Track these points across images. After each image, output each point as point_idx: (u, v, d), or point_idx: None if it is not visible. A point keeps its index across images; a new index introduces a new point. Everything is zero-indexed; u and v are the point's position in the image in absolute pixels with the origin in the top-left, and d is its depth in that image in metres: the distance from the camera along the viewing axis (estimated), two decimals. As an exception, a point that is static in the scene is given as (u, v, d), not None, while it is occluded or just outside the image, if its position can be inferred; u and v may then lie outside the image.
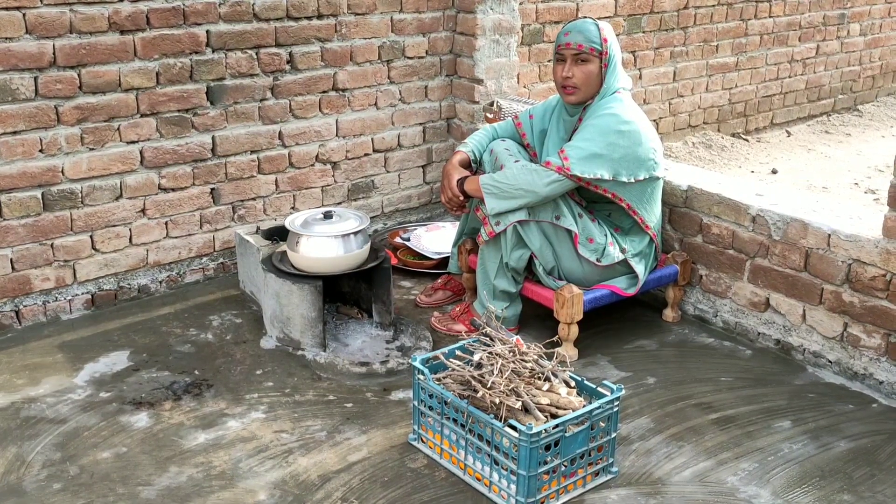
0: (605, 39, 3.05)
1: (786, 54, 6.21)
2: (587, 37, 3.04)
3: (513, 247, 3.08)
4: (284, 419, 2.78)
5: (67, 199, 3.32)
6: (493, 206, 3.02)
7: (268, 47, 3.64)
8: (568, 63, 3.06)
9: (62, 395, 2.90)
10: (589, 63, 3.04)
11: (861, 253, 2.92)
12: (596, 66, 3.05)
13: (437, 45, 4.16)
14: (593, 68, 3.05)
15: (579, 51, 3.03)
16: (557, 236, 3.07)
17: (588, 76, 3.05)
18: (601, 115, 3.03)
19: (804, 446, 2.67)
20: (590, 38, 3.04)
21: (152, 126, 3.44)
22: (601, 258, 3.09)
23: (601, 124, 3.01)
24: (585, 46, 3.03)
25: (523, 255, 3.09)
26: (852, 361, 3.02)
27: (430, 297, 3.56)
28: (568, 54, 3.06)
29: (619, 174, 3.01)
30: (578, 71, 3.05)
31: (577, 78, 3.05)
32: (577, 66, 3.05)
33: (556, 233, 3.07)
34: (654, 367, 3.12)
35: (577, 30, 3.06)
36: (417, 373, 2.57)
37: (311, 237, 3.12)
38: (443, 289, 3.58)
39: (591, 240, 3.08)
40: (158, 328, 3.34)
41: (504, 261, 3.11)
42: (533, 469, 2.29)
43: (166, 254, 3.62)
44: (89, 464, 2.54)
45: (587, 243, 3.08)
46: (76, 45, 3.20)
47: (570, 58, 3.06)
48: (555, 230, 3.06)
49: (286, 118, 3.77)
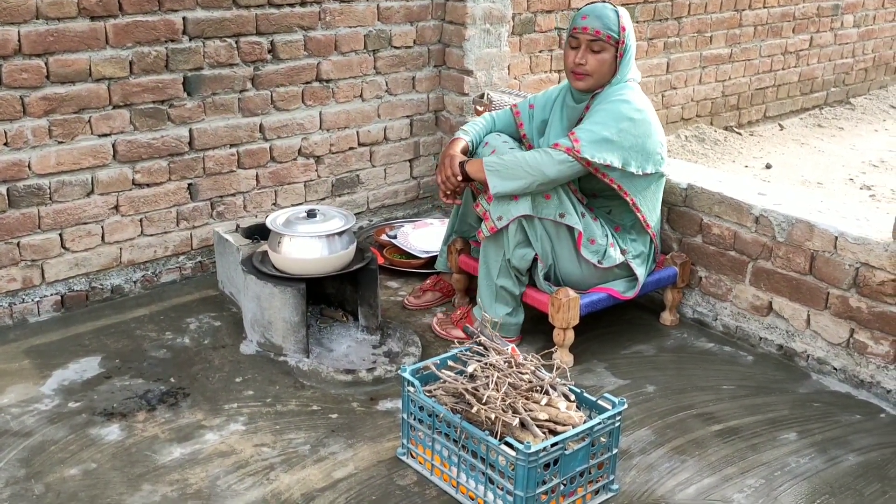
0: (623, 28, 2.90)
1: (779, 46, 6.09)
2: (605, 23, 2.88)
3: (516, 244, 2.92)
4: (265, 431, 2.63)
5: (35, 196, 3.15)
6: (496, 185, 2.84)
7: (248, 35, 3.47)
8: (582, 49, 2.90)
9: (28, 405, 2.73)
10: (604, 51, 2.89)
11: (870, 256, 2.80)
12: (611, 55, 2.90)
13: (425, 35, 4.00)
14: (608, 56, 2.90)
15: (596, 37, 2.87)
16: (559, 236, 2.93)
17: (601, 64, 2.90)
18: (613, 101, 2.88)
19: (811, 460, 2.55)
20: (608, 25, 2.88)
21: (125, 118, 3.26)
22: (602, 260, 2.96)
23: (614, 109, 2.86)
24: (603, 33, 2.87)
25: (527, 254, 2.94)
26: (859, 369, 2.90)
27: (419, 298, 3.42)
28: (583, 39, 2.89)
29: (629, 164, 2.87)
30: (592, 58, 2.89)
31: (590, 65, 2.90)
32: (591, 53, 2.89)
33: (558, 232, 2.92)
34: (652, 375, 2.99)
35: (596, 14, 2.89)
36: (407, 384, 2.42)
37: (293, 237, 2.96)
38: (432, 290, 3.43)
39: (593, 241, 2.94)
40: (132, 332, 3.17)
41: (507, 257, 2.95)
42: (531, 490, 2.16)
43: (141, 252, 3.45)
44: (56, 482, 2.38)
45: (589, 244, 2.94)
46: (43, 32, 3.02)
47: (584, 43, 2.89)
48: (556, 229, 2.92)
49: (267, 110, 3.60)
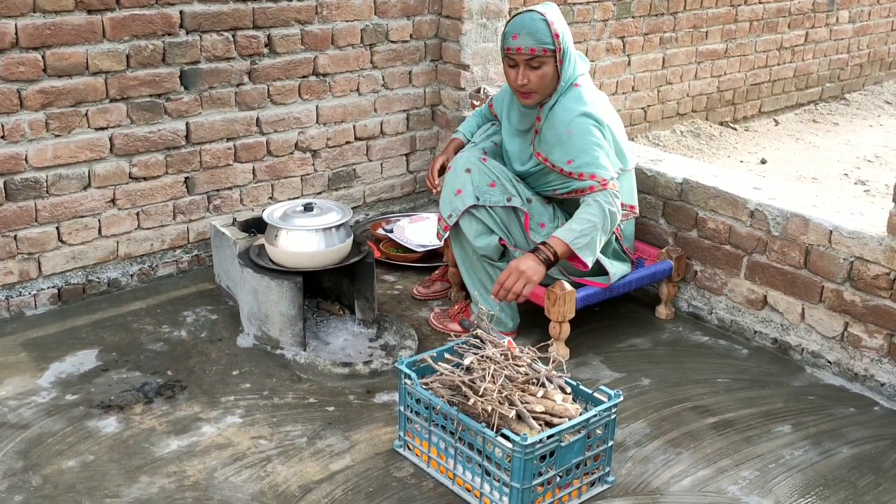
0: (556, 35, 2.77)
1: (775, 41, 6.10)
2: (538, 38, 2.75)
3: (476, 234, 2.93)
4: (262, 424, 2.63)
5: (32, 189, 3.14)
6: (588, 257, 2.80)
7: (245, 29, 3.47)
8: (521, 69, 2.79)
9: (25, 397, 2.73)
10: (544, 65, 2.78)
11: (864, 250, 2.81)
12: (551, 67, 2.80)
13: (421, 29, 4.00)
14: (549, 69, 2.79)
15: (531, 55, 2.77)
16: (511, 221, 2.94)
17: (544, 78, 2.81)
18: (574, 121, 2.81)
19: (805, 453, 2.56)
20: (541, 40, 2.75)
21: (122, 112, 3.26)
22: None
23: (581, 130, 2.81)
24: (538, 50, 2.76)
25: (491, 240, 2.94)
26: (853, 362, 2.92)
27: (428, 288, 3.43)
28: (520, 60, 2.79)
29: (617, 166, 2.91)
30: (533, 75, 2.79)
31: (533, 83, 2.81)
32: (531, 70, 2.79)
33: (510, 217, 2.93)
34: (648, 368, 3.00)
35: (526, 31, 2.76)
36: (404, 377, 2.43)
37: (290, 231, 2.96)
38: (441, 280, 3.45)
39: (543, 224, 2.93)
40: (129, 325, 3.17)
41: (473, 251, 2.97)
42: (527, 481, 2.17)
43: (137, 246, 3.45)
44: (53, 473, 2.39)
45: (539, 228, 2.93)
46: (40, 25, 3.01)
47: (522, 63, 2.79)
48: (507, 215, 2.92)
49: (264, 104, 3.60)
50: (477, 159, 2.94)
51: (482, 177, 2.91)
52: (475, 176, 2.91)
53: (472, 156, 2.97)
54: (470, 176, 2.91)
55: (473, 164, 2.93)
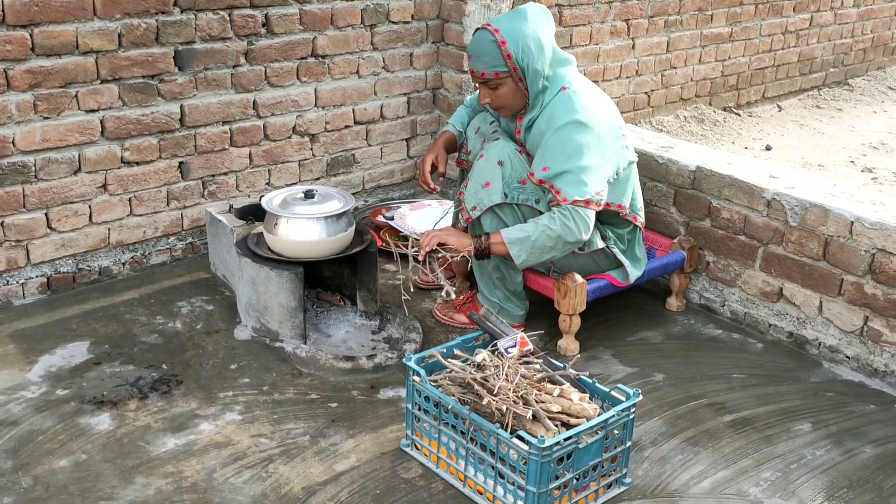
0: (508, 56, 2.66)
1: (780, 25, 5.99)
2: (488, 62, 2.68)
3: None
4: (263, 421, 2.52)
5: (19, 173, 3.01)
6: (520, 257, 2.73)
7: (242, 8, 3.33)
8: (482, 90, 2.76)
9: (13, 392, 2.61)
10: (501, 86, 2.72)
11: (887, 242, 2.72)
12: (510, 86, 2.71)
13: (423, 10, 3.87)
14: (508, 89, 2.72)
15: (484, 79, 2.72)
16: None
17: (506, 97, 2.74)
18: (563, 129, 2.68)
19: (827, 452, 2.47)
20: (491, 64, 2.67)
21: (114, 93, 3.13)
22: (583, 246, 2.85)
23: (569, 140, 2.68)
24: (489, 73, 2.69)
25: None
26: (872, 357, 2.83)
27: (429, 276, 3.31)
28: (478, 82, 2.75)
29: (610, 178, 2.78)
30: (495, 95, 2.74)
31: (497, 101, 2.76)
32: (491, 91, 2.74)
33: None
34: (660, 362, 2.90)
35: (476, 54, 2.71)
36: (412, 374, 2.32)
37: (291, 219, 2.84)
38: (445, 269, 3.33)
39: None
40: (122, 315, 3.05)
41: None
42: (543, 485, 2.07)
43: (130, 233, 3.32)
44: (44, 474, 2.27)
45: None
46: (27, 2, 2.87)
47: (481, 84, 2.75)
48: (533, 215, 2.78)
49: (261, 86, 3.47)
50: (513, 152, 2.79)
51: (514, 172, 2.77)
52: (507, 170, 2.77)
53: (508, 148, 2.80)
54: (502, 170, 2.77)
55: (507, 158, 2.78)
